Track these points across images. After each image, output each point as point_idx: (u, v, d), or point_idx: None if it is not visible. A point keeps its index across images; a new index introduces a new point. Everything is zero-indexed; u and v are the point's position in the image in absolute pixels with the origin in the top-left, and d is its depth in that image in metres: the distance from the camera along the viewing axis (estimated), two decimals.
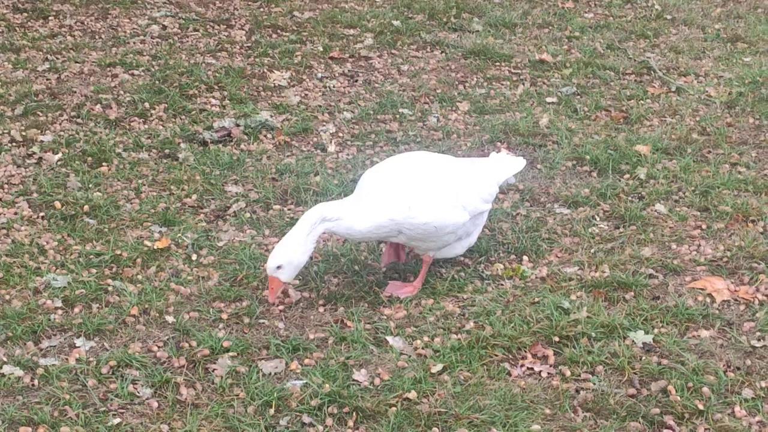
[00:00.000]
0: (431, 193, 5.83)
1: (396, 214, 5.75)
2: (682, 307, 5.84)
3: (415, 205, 5.76)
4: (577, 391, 5.19)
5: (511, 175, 6.40)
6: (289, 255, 5.67)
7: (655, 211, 7.02)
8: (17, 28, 10.47)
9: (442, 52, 10.27)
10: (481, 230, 6.30)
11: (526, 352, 5.49)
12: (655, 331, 5.66)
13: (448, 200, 5.86)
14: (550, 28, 11.14)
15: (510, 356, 5.48)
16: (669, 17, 11.60)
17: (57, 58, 9.70)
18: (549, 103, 8.96)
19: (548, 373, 5.34)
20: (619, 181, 7.45)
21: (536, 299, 5.94)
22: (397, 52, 10.23)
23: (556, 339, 5.56)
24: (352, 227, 5.75)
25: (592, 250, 6.51)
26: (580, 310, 5.76)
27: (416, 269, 6.18)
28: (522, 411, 5.03)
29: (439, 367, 5.33)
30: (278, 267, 5.68)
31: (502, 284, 6.15)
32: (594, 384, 5.23)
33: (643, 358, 5.42)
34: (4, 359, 5.33)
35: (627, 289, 6.05)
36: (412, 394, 5.09)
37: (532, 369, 5.38)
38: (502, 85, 9.44)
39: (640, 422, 4.98)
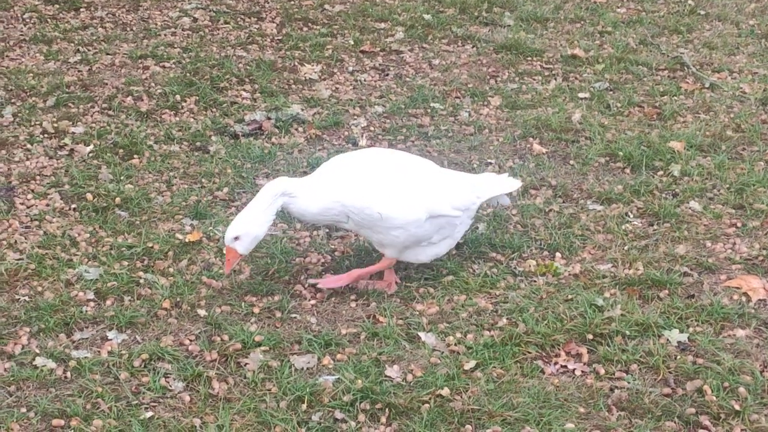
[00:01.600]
0: (382, 180, 5.75)
1: (343, 197, 5.70)
2: (718, 306, 5.78)
3: (361, 188, 5.71)
4: (612, 390, 5.15)
5: (503, 194, 6.22)
6: (247, 226, 5.69)
7: (690, 208, 6.96)
8: (49, 20, 10.49)
9: (473, 46, 10.22)
10: (453, 245, 6.09)
11: (559, 349, 5.45)
12: (690, 329, 5.61)
13: (399, 191, 5.75)
14: (582, 22, 11.07)
15: (543, 354, 5.44)
16: (702, 13, 11.51)
17: (88, 50, 9.70)
18: (581, 99, 8.90)
19: (582, 371, 5.30)
20: (653, 177, 7.39)
21: (570, 296, 5.89)
22: (428, 46, 10.19)
23: (590, 337, 5.52)
24: (304, 207, 5.75)
25: (626, 248, 6.46)
26: (614, 308, 5.71)
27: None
28: (556, 409, 4.99)
29: (472, 363, 5.30)
30: (235, 238, 5.70)
31: (535, 281, 6.11)
32: (628, 383, 5.19)
33: (678, 357, 5.37)
34: (37, 351, 5.33)
35: (661, 287, 6.00)
36: (445, 391, 5.07)
37: (565, 367, 5.34)
38: (534, 80, 9.38)
39: (675, 422, 4.93)
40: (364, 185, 5.72)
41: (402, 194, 5.75)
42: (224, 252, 5.82)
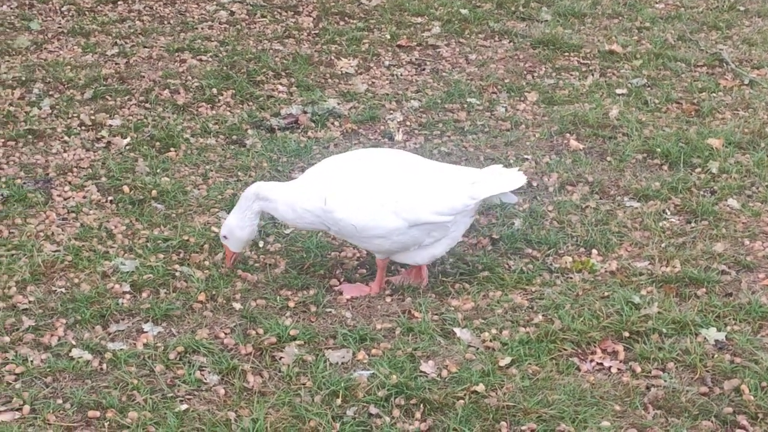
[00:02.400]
0: (354, 190, 5.61)
1: (312, 206, 5.66)
2: (756, 305, 5.73)
3: (330, 199, 5.61)
4: (648, 388, 5.11)
5: (507, 192, 5.79)
6: (230, 228, 5.85)
7: (728, 206, 6.91)
8: (87, 12, 10.53)
9: (510, 41, 10.19)
10: (453, 244, 5.93)
11: (595, 347, 5.42)
12: (728, 328, 5.56)
13: (375, 201, 5.59)
14: (620, 18, 11.01)
15: (579, 351, 5.41)
16: (742, 9, 11.42)
17: (126, 43, 9.74)
18: (619, 95, 8.85)
19: (618, 369, 5.26)
20: (691, 174, 7.34)
21: (606, 293, 5.86)
22: (464, 40, 10.16)
23: (627, 334, 5.48)
24: (282, 212, 5.77)
25: (663, 245, 6.42)
26: (651, 306, 5.67)
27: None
28: (591, 407, 4.96)
29: (507, 360, 5.27)
30: (224, 237, 5.89)
31: (571, 277, 6.08)
32: (665, 381, 5.15)
33: (716, 355, 5.33)
34: (73, 343, 5.35)
35: (699, 285, 5.95)
36: (480, 387, 5.04)
37: (601, 364, 5.31)
38: (571, 75, 9.34)
39: (712, 421, 4.89)
40: (330, 194, 5.62)
41: (377, 205, 5.59)
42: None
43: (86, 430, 4.78)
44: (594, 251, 6.34)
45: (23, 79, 8.76)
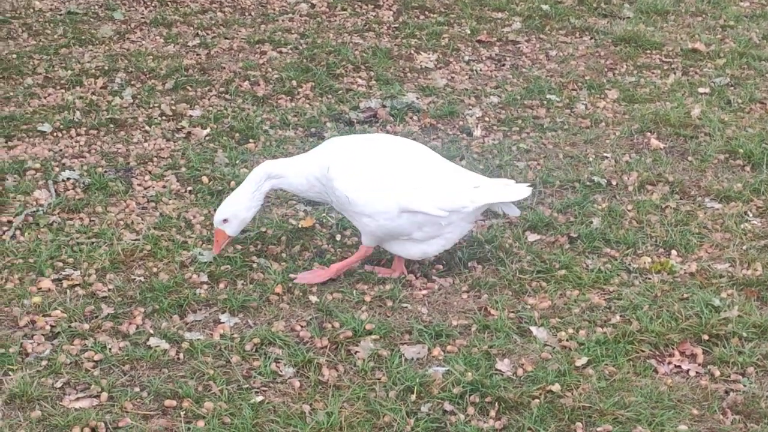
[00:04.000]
0: (355, 164, 5.71)
1: (317, 171, 5.74)
2: None
3: (333, 168, 5.70)
4: (727, 393, 5.05)
5: (508, 202, 5.80)
6: (234, 210, 5.84)
7: None
8: (169, 3, 10.62)
9: (591, 38, 10.10)
10: (447, 246, 5.90)
11: (673, 349, 5.36)
12: None
13: (373, 179, 5.66)
14: (704, 16, 10.87)
15: (657, 353, 5.35)
16: None
17: (207, 34, 9.81)
18: (701, 94, 8.73)
19: (696, 372, 5.20)
20: None
21: (685, 295, 5.79)
22: (545, 37, 10.10)
23: (706, 337, 5.41)
24: (293, 184, 5.85)
25: (745, 247, 6.33)
26: (731, 309, 5.60)
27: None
28: (669, 410, 4.91)
29: (584, 360, 5.23)
30: (224, 221, 5.86)
31: (649, 278, 6.01)
32: (745, 386, 5.08)
33: None
34: (151, 332, 5.39)
35: None
36: (556, 387, 5.01)
37: (679, 367, 5.24)
38: (653, 73, 9.24)
39: None
40: (334, 164, 5.72)
41: (374, 182, 5.67)
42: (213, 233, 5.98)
43: (162, 419, 4.82)
44: (673, 252, 6.26)
45: (106, 68, 8.86)
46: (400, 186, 5.67)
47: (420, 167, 5.76)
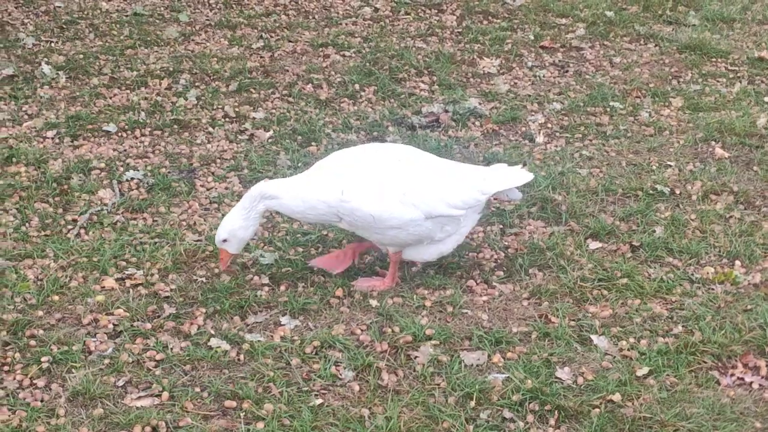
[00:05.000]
0: (371, 181, 5.60)
1: (328, 197, 5.62)
2: None
3: (348, 190, 5.59)
4: None
5: (513, 188, 5.89)
6: (230, 229, 5.73)
7: None
8: (234, 6, 10.69)
9: (655, 45, 10.03)
10: (461, 240, 5.92)
11: (736, 361, 5.30)
12: None
13: (391, 192, 5.59)
14: None
15: (719, 364, 5.30)
16: None
17: (271, 37, 9.85)
18: (767, 103, 8.64)
19: (760, 385, 5.14)
20: None
21: (749, 306, 5.73)
22: (609, 43, 10.04)
23: None
24: (288, 206, 5.71)
25: None
26: None
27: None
28: (731, 423, 4.86)
29: (645, 370, 5.19)
30: (224, 240, 5.75)
31: (712, 288, 5.96)
32: None
33: None
34: (212, 332, 5.43)
35: None
36: (617, 397, 4.98)
37: (742, 379, 5.19)
38: (718, 82, 9.16)
39: None
40: (348, 185, 5.61)
41: (394, 195, 5.60)
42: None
43: (222, 420, 4.85)
44: (737, 263, 6.20)
45: (171, 69, 8.93)
46: (419, 194, 5.63)
47: (428, 171, 5.75)
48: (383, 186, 5.61)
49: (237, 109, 8.17)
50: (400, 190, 5.61)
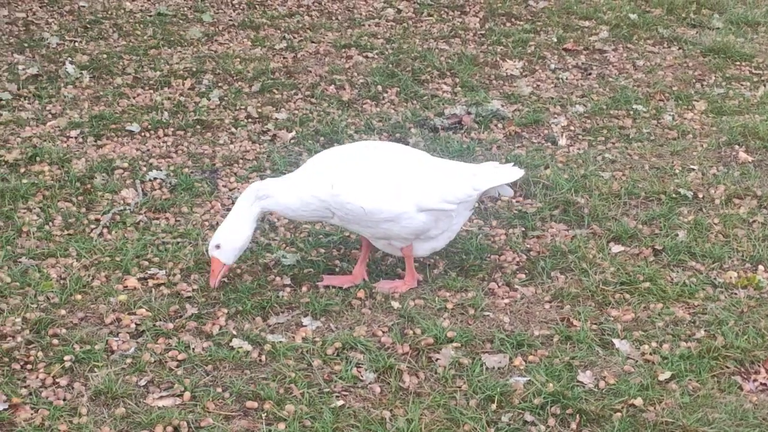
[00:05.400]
0: (362, 174, 5.59)
1: (319, 192, 5.60)
2: None
3: (338, 183, 5.57)
4: None
5: (504, 185, 5.90)
6: (227, 235, 5.66)
7: None
8: (257, 6, 10.71)
9: (679, 48, 10.00)
10: (452, 237, 5.94)
11: (759, 366, 5.28)
12: None
13: (383, 185, 5.58)
14: None
15: (742, 369, 5.28)
16: None
17: (294, 38, 9.87)
18: None
19: None
20: None
21: None
22: (632, 46, 10.02)
23: None
24: (283, 204, 5.67)
25: None
26: None
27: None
28: (754, 428, 4.84)
29: (667, 374, 5.18)
30: (217, 246, 5.67)
31: (735, 293, 5.93)
32: None
33: None
34: (234, 333, 5.43)
35: None
36: (638, 401, 4.97)
37: (765, 385, 5.17)
38: (742, 85, 9.12)
39: None
40: (338, 179, 5.60)
41: (384, 187, 5.60)
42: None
43: (243, 420, 4.85)
44: (761, 267, 6.18)
45: (194, 69, 8.95)
46: (410, 186, 5.64)
47: (420, 166, 5.75)
48: (374, 179, 5.62)
49: (260, 110, 8.19)
50: (392, 182, 5.62)
